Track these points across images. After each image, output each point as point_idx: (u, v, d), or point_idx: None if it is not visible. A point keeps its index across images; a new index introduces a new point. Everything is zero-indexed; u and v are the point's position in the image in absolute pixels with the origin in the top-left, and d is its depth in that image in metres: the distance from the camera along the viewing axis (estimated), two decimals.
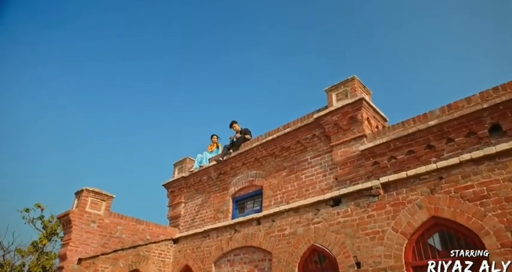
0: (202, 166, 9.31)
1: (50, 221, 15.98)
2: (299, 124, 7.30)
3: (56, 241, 15.94)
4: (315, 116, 6.96)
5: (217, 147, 10.08)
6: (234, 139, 8.97)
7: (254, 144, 8.08)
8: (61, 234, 15.92)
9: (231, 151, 8.61)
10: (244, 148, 8.45)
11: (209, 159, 9.53)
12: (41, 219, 15.69)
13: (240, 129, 9.28)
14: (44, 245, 15.42)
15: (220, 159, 8.65)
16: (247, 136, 8.96)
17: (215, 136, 10.26)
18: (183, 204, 9.62)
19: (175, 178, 9.95)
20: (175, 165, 10.53)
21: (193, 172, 9.50)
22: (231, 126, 9.46)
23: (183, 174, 9.72)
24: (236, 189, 8.29)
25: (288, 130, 7.46)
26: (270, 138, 7.76)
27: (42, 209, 16.29)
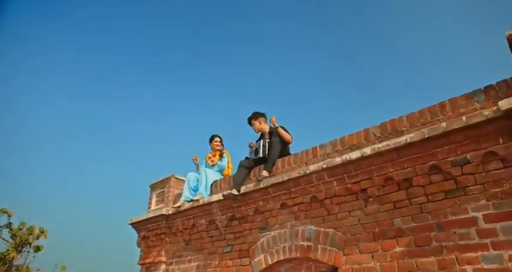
0: (196, 200, 4.91)
1: (20, 229, 13.11)
2: (435, 131, 2.87)
3: (28, 252, 13.38)
4: (502, 105, 2.53)
5: (221, 156, 5.62)
6: (260, 148, 4.53)
7: (312, 167, 3.66)
8: (34, 243, 13.93)
9: (260, 176, 4.19)
10: (284, 173, 4.04)
11: (211, 184, 5.11)
12: (8, 227, 12.75)
13: (267, 129, 4.85)
14: (13, 258, 12.77)
15: (234, 193, 4.25)
16: (285, 136, 4.53)
17: (218, 139, 5.78)
18: (163, 266, 5.26)
19: (150, 215, 5.57)
20: (152, 188, 6.14)
21: (181, 208, 5.11)
22: (250, 120, 5.01)
23: (165, 210, 5.33)
24: (270, 261, 3.90)
25: (404, 140, 3.04)
26: (354, 156, 3.34)
27: (9, 216, 13.67)
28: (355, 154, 3.33)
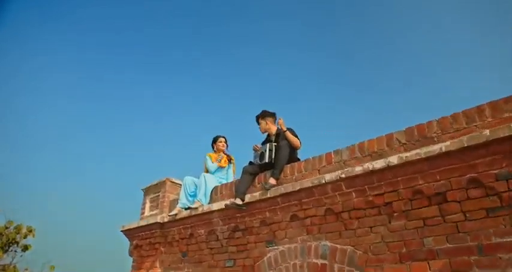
0: (194, 208, 4.49)
1: (7, 228, 12.49)
2: (476, 139, 2.50)
3: (15, 251, 12.85)
4: None
5: (230, 161, 5.19)
6: (266, 152, 4.13)
7: (328, 177, 3.27)
8: (22, 242, 13.45)
9: (267, 185, 3.78)
10: (294, 181, 3.65)
11: (212, 190, 4.69)
12: None
13: (274, 130, 4.46)
14: None
15: (237, 203, 3.85)
16: (293, 141, 4.13)
17: (222, 139, 5.35)
18: None
19: (143, 222, 5.14)
20: (145, 192, 5.71)
21: (177, 217, 4.69)
22: (257, 119, 4.59)
23: (159, 217, 4.91)
24: None
25: (438, 149, 2.66)
26: (378, 165, 2.95)
27: None
28: (379, 163, 2.94)
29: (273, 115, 4.47)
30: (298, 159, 4.19)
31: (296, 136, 4.22)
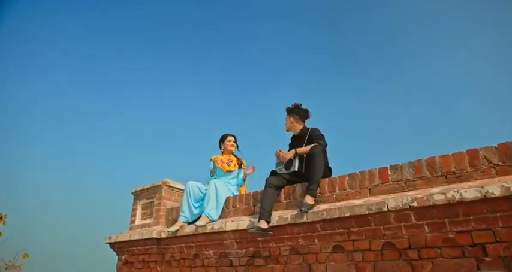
0: (201, 226, 3.67)
1: None
2: None
3: None
4: None
5: (240, 166, 4.36)
6: (296, 160, 3.35)
7: (392, 204, 2.52)
8: None
9: (304, 206, 2.97)
10: (337, 201, 2.90)
11: (226, 196, 3.86)
12: None
13: (298, 130, 3.68)
14: None
15: (263, 227, 3.06)
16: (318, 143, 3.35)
17: (231, 138, 4.48)
18: None
19: (135, 236, 4.30)
20: (136, 196, 4.84)
21: (179, 233, 3.87)
22: (286, 113, 3.80)
23: (156, 232, 4.08)
24: None
25: None
26: (470, 195, 2.21)
27: None
28: (470, 193, 2.21)
29: (298, 112, 3.64)
30: (330, 169, 3.44)
31: (322, 140, 3.43)
